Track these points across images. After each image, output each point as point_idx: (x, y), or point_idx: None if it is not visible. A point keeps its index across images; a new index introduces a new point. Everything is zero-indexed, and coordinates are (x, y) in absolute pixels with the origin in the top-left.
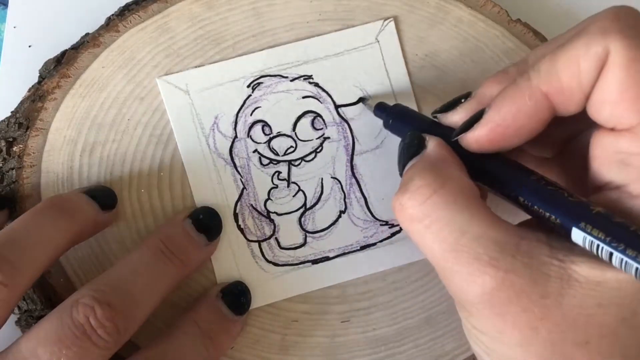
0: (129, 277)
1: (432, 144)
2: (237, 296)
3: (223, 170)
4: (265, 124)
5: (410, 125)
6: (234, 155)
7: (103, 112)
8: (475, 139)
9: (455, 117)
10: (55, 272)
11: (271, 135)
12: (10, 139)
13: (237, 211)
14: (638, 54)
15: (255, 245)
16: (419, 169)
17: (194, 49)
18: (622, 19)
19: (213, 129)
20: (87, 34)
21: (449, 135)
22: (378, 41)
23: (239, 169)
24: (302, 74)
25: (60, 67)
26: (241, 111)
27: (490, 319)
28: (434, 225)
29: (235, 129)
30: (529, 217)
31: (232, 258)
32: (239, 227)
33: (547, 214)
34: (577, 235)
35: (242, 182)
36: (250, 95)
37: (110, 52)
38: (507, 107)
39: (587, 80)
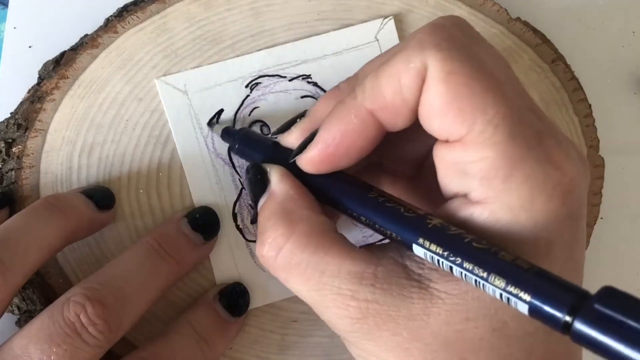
0: (121, 276)
1: (275, 177)
2: (234, 298)
3: (222, 170)
4: (263, 124)
5: (255, 149)
6: (232, 155)
7: (102, 113)
8: (309, 160)
9: (291, 138)
10: (54, 273)
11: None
12: (10, 140)
13: (235, 211)
14: (454, 66)
15: (254, 245)
16: (269, 215)
17: (192, 50)
18: (439, 32)
19: (212, 129)
20: (85, 35)
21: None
22: (377, 40)
23: (238, 169)
24: (301, 74)
25: (59, 68)
26: (240, 111)
27: (366, 346)
28: (294, 270)
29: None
30: None
31: (231, 258)
32: (237, 227)
33: (389, 232)
34: (419, 251)
35: (240, 182)
36: (248, 96)
37: (108, 53)
38: (335, 127)
39: (409, 95)
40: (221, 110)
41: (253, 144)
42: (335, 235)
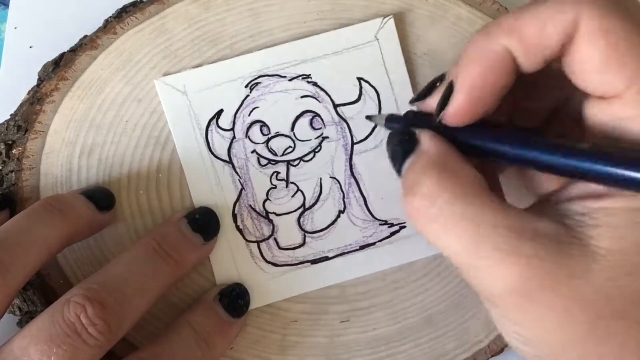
0: (121, 276)
1: (426, 137)
2: (234, 299)
3: (221, 170)
4: (263, 124)
5: (395, 122)
6: (232, 155)
7: (101, 114)
8: (454, 112)
9: (434, 102)
10: (54, 274)
11: (269, 136)
12: (10, 142)
13: (235, 212)
14: (613, 21)
15: (254, 246)
16: (422, 168)
17: (191, 50)
18: None
19: (211, 130)
20: (85, 36)
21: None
22: (377, 39)
23: (238, 169)
24: (300, 74)
25: (59, 69)
26: (239, 111)
27: (522, 308)
28: (449, 222)
29: (233, 129)
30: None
31: (231, 259)
32: (237, 227)
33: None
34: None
35: (240, 182)
36: (248, 96)
37: (108, 54)
38: (473, 69)
39: (549, 44)
40: (221, 111)
41: (395, 120)
42: (489, 191)
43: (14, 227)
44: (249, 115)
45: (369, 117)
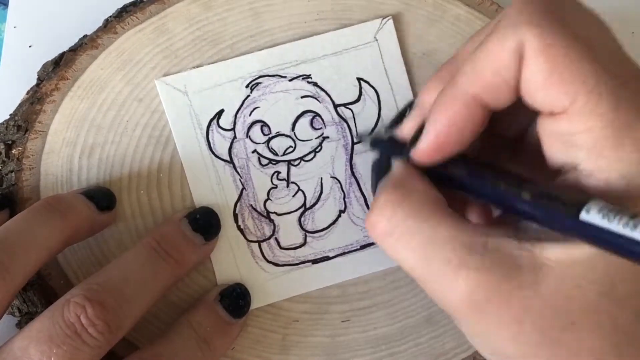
0: (121, 276)
1: (397, 163)
2: (235, 299)
3: (222, 170)
4: (264, 124)
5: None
6: (233, 155)
7: (102, 114)
8: (422, 152)
9: (404, 131)
10: (55, 274)
11: (270, 136)
12: (9, 142)
13: (236, 212)
14: (551, 39)
15: (255, 246)
16: (385, 187)
17: (192, 50)
18: (532, 6)
19: (212, 130)
20: (85, 36)
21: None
22: (377, 40)
23: (238, 169)
24: (301, 74)
25: (59, 69)
26: (240, 111)
27: (476, 321)
28: (403, 237)
29: (234, 129)
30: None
31: (232, 259)
32: (238, 227)
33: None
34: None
35: (241, 182)
36: (248, 96)
37: (108, 54)
38: (442, 116)
39: (509, 74)
40: (222, 111)
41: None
42: (446, 209)
43: (14, 227)
44: (250, 115)
45: (359, 139)
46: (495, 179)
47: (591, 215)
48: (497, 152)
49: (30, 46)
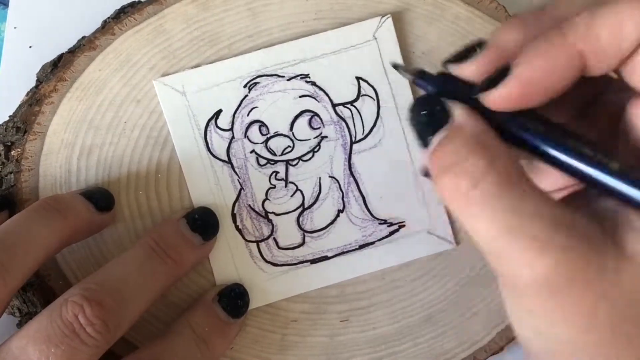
0: (119, 276)
1: (462, 112)
2: (233, 299)
3: (220, 171)
4: (262, 124)
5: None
6: (231, 155)
7: (100, 115)
8: (504, 96)
9: (471, 68)
10: (54, 275)
11: (268, 135)
12: (9, 143)
13: (235, 212)
14: None
15: (253, 246)
16: (463, 145)
17: (190, 50)
18: None
19: (210, 130)
20: (83, 37)
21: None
22: (375, 38)
23: (237, 169)
24: (299, 73)
25: (57, 70)
26: (238, 111)
27: (548, 302)
28: (488, 207)
29: (232, 129)
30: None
31: (230, 259)
32: (237, 227)
33: (587, 177)
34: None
35: (239, 182)
36: (246, 96)
37: (106, 55)
38: (540, 63)
39: (627, 45)
40: (220, 111)
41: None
42: (530, 180)
43: (13, 228)
44: (248, 115)
45: (395, 66)
46: (580, 142)
47: None
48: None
49: (30, 47)
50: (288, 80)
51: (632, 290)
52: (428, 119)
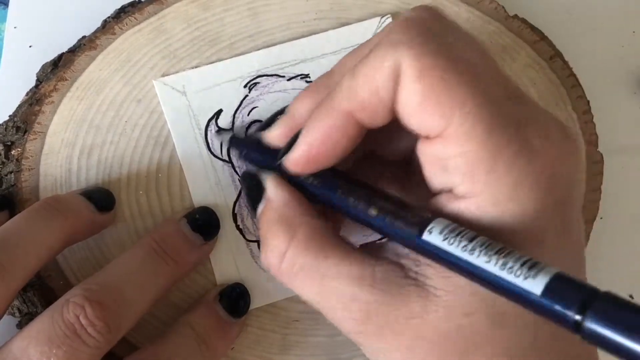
0: (120, 276)
1: (271, 184)
2: (234, 299)
3: (221, 170)
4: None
5: (244, 149)
6: (231, 155)
7: (100, 115)
8: (294, 161)
9: (273, 135)
10: (55, 275)
11: None
12: (9, 143)
13: (235, 211)
14: (427, 62)
15: (254, 245)
16: (269, 223)
17: (190, 50)
18: (411, 27)
19: (210, 130)
20: (83, 37)
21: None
22: None
23: (237, 169)
24: (299, 73)
25: (57, 70)
26: (238, 111)
27: (373, 345)
28: (298, 275)
29: (232, 129)
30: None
31: (231, 258)
32: (238, 227)
33: (384, 231)
34: (422, 244)
35: (240, 182)
36: (247, 96)
37: (106, 55)
38: (316, 128)
39: (386, 95)
40: (220, 111)
41: (241, 146)
42: (333, 238)
43: (13, 229)
44: (248, 115)
45: (217, 132)
46: (348, 191)
47: (433, 236)
48: (379, 174)
49: (30, 46)
50: (288, 80)
51: (444, 327)
52: (251, 192)
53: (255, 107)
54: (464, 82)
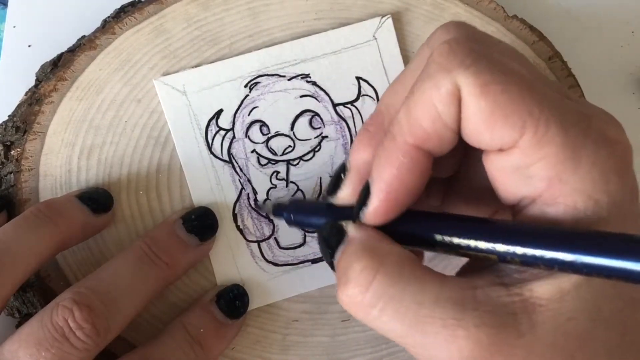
0: (111, 280)
1: (352, 227)
2: (232, 300)
3: (221, 170)
4: (263, 124)
5: (312, 215)
6: (232, 155)
7: (100, 115)
8: (374, 213)
9: (344, 195)
10: (54, 276)
11: (269, 135)
12: (8, 143)
13: (236, 212)
14: (485, 79)
15: (254, 246)
16: (352, 254)
17: (190, 50)
18: (457, 49)
19: (211, 130)
20: (83, 37)
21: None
22: (375, 38)
23: (238, 169)
24: (300, 73)
25: (57, 70)
26: (239, 111)
27: None
28: (388, 306)
29: (233, 129)
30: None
31: (231, 259)
32: (238, 227)
33: (484, 253)
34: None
35: (240, 182)
36: (247, 95)
37: (106, 55)
38: (387, 173)
39: (449, 119)
40: (220, 111)
41: (308, 212)
42: (423, 265)
43: (3, 237)
44: (249, 114)
45: (257, 206)
46: (464, 234)
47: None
48: (426, 195)
49: (29, 46)
50: (289, 80)
51: (551, 338)
52: (329, 241)
53: (255, 107)
54: (524, 90)
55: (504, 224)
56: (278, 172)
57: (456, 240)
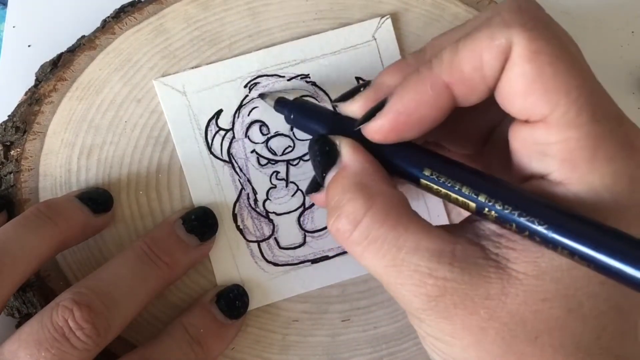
0: (111, 280)
1: (347, 150)
2: (232, 300)
3: (221, 170)
4: (262, 124)
5: (312, 118)
6: (232, 155)
7: (100, 115)
8: (378, 128)
9: (355, 106)
10: (54, 276)
11: (269, 135)
12: (8, 143)
13: (236, 212)
14: (541, 46)
15: (254, 246)
16: (344, 187)
17: (190, 50)
18: (525, 11)
19: (211, 130)
20: (83, 37)
21: (352, 128)
22: (375, 39)
23: (237, 169)
24: (299, 73)
25: (57, 70)
26: (238, 111)
27: (440, 324)
28: (371, 245)
29: (232, 129)
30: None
31: (231, 259)
32: (238, 227)
33: (470, 202)
34: (502, 215)
35: (240, 182)
36: (247, 95)
37: (106, 55)
38: (409, 96)
39: (490, 73)
40: (220, 111)
41: (309, 114)
42: (411, 212)
43: (3, 237)
44: (249, 115)
45: (261, 95)
46: (453, 175)
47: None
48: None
49: (29, 46)
50: (288, 80)
51: (520, 310)
52: (322, 158)
53: (255, 107)
54: (571, 70)
55: (493, 178)
56: (278, 172)
57: (443, 179)
